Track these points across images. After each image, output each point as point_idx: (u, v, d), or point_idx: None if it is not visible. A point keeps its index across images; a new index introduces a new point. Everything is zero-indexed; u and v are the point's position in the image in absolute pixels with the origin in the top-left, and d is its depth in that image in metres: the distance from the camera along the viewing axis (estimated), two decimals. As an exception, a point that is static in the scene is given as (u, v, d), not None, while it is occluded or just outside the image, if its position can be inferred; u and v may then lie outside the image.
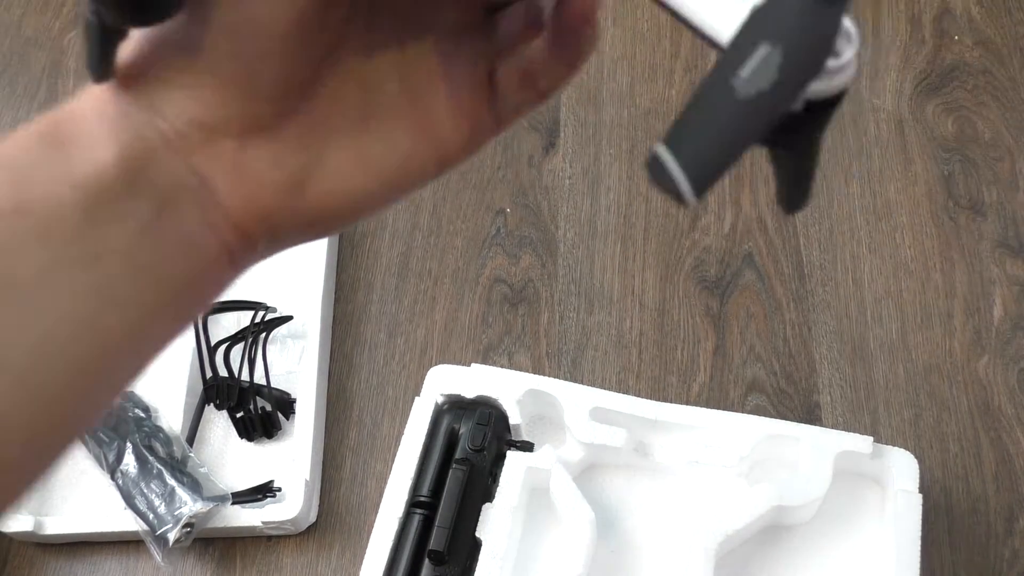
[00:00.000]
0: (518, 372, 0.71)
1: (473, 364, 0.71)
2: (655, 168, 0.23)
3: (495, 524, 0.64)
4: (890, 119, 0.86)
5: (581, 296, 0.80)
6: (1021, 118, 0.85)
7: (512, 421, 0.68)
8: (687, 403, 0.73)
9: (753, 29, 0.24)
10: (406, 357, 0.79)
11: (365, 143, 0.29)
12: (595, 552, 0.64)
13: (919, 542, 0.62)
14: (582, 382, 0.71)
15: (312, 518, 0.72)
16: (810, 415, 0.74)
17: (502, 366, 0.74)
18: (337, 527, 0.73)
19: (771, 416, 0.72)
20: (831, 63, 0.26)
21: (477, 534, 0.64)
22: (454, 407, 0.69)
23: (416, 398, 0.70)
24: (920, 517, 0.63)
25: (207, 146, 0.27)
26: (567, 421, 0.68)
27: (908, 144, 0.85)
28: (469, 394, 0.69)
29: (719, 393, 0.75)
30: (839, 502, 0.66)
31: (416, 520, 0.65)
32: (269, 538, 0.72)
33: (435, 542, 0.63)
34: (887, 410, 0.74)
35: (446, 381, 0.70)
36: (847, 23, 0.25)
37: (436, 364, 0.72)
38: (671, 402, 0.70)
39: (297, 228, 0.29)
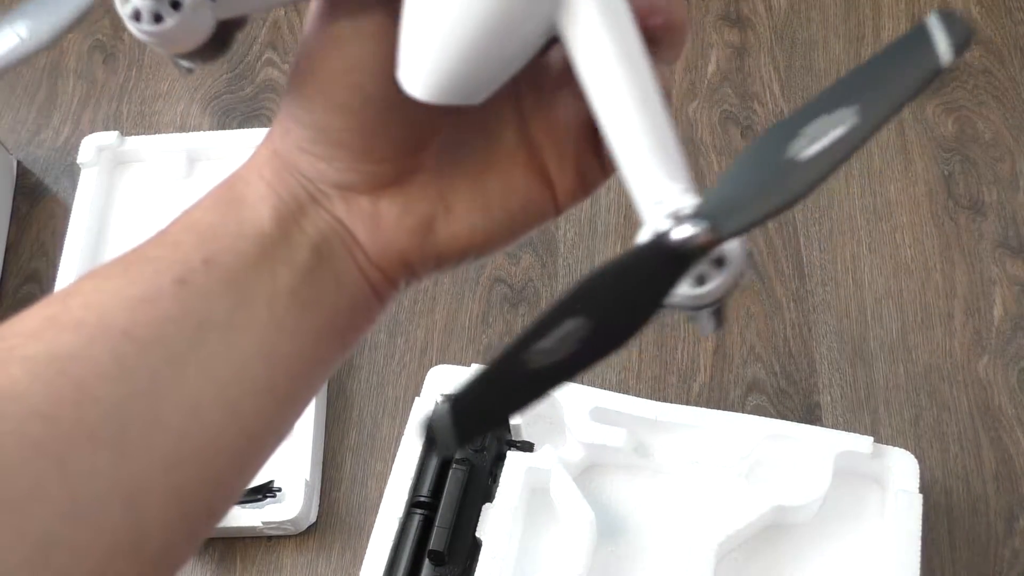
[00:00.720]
0: (518, 372, 0.71)
1: (473, 364, 0.71)
2: (435, 417, 0.26)
3: (495, 524, 0.64)
4: (890, 119, 0.86)
5: (581, 296, 0.80)
6: (1021, 118, 0.85)
7: (512, 421, 0.68)
8: (687, 403, 0.73)
9: (572, 298, 0.25)
10: (406, 357, 0.79)
11: (486, 188, 0.32)
12: (595, 552, 0.64)
13: (919, 542, 0.62)
14: (582, 382, 0.71)
15: (312, 518, 0.72)
16: (810, 415, 0.74)
17: (502, 366, 0.74)
18: (337, 527, 0.73)
19: (771, 416, 0.72)
20: (688, 290, 0.25)
21: (477, 534, 0.64)
22: (454, 407, 0.69)
23: (416, 398, 0.70)
24: (920, 517, 0.63)
25: (345, 202, 0.31)
26: (567, 421, 0.68)
27: (908, 144, 0.85)
28: (469, 394, 0.69)
29: (719, 393, 0.75)
30: (839, 502, 0.66)
31: (416, 520, 0.65)
32: (269, 538, 0.72)
33: (435, 542, 0.63)
34: (887, 410, 0.74)
35: (446, 381, 0.70)
36: (728, 247, 0.25)
37: (436, 364, 0.72)
38: (671, 402, 0.70)
39: (430, 264, 0.33)
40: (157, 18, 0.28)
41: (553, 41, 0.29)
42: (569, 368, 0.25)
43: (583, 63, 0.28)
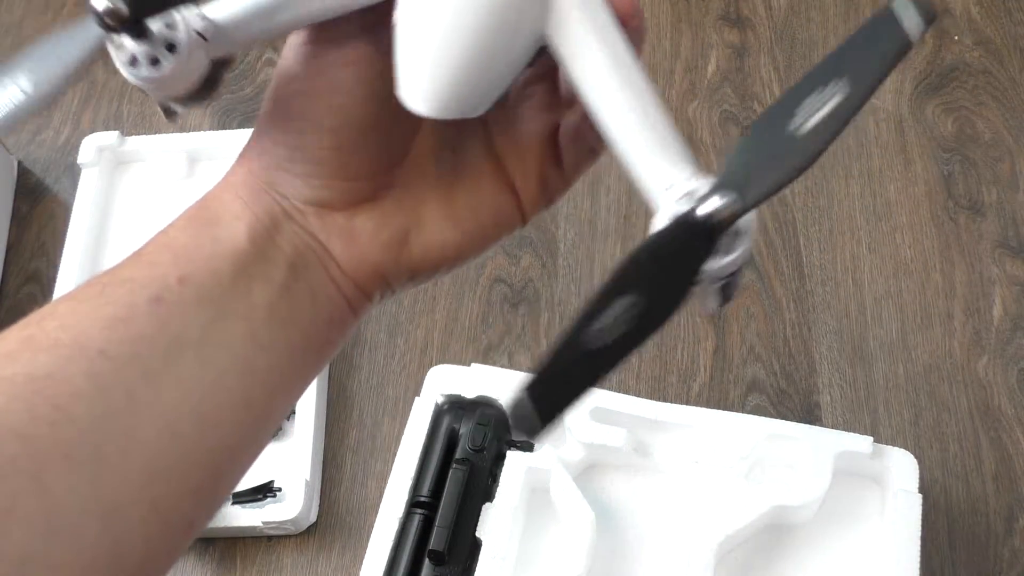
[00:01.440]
0: (518, 372, 0.71)
1: (473, 364, 0.71)
2: (517, 411, 0.27)
3: (495, 524, 0.64)
4: (890, 119, 0.86)
5: (581, 296, 0.80)
6: (1021, 118, 0.85)
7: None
8: (687, 403, 0.73)
9: (618, 279, 0.26)
10: (406, 357, 0.79)
11: (456, 201, 0.33)
12: (595, 552, 0.64)
13: (919, 542, 0.62)
14: (582, 382, 0.71)
15: (312, 518, 0.72)
16: (810, 415, 0.74)
17: (502, 366, 0.74)
18: (337, 527, 0.73)
19: (771, 416, 0.72)
20: (714, 262, 0.27)
21: (477, 534, 0.64)
22: (454, 407, 0.69)
23: (416, 398, 0.70)
24: (920, 517, 0.63)
25: (321, 219, 0.32)
26: (567, 421, 0.68)
27: (908, 144, 0.85)
28: (469, 394, 0.69)
29: (719, 393, 0.75)
30: (839, 502, 0.66)
31: (416, 520, 0.65)
32: (269, 538, 0.72)
33: (435, 542, 0.63)
34: (887, 410, 0.74)
35: (446, 381, 0.70)
36: (743, 220, 0.27)
37: (436, 364, 0.72)
38: (671, 402, 0.70)
39: (404, 277, 0.34)
40: (154, 62, 0.28)
41: (541, 51, 0.30)
42: (625, 346, 0.27)
43: (577, 68, 0.29)
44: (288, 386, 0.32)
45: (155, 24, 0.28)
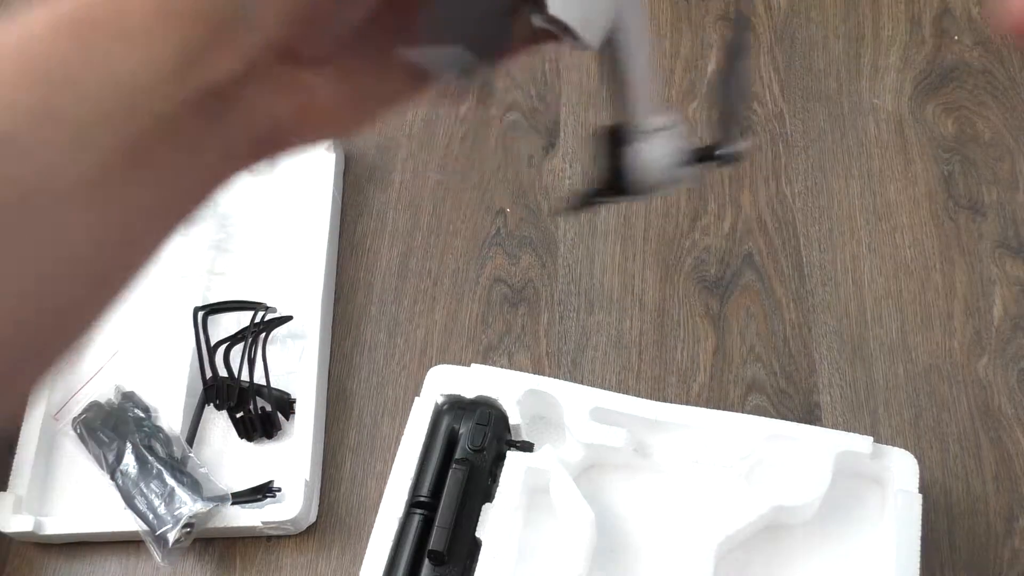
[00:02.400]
0: (518, 372, 0.71)
1: (473, 364, 0.71)
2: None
3: (495, 524, 0.64)
4: (890, 119, 0.86)
5: (581, 296, 0.80)
6: (1021, 118, 0.85)
7: (512, 421, 0.68)
8: (687, 403, 0.73)
9: None
10: (406, 357, 0.79)
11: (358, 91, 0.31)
12: (595, 552, 0.64)
13: (919, 542, 0.62)
14: (582, 382, 0.71)
15: (312, 518, 0.72)
16: (810, 415, 0.74)
17: (502, 366, 0.74)
18: (337, 527, 0.73)
19: (771, 416, 0.72)
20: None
21: (477, 534, 0.64)
22: (454, 407, 0.69)
23: (416, 398, 0.70)
24: (920, 517, 0.63)
25: (273, 68, 0.27)
26: (567, 421, 0.68)
27: (908, 144, 0.85)
28: (469, 394, 0.69)
29: (719, 393, 0.75)
30: (839, 502, 0.66)
31: (416, 520, 0.65)
32: (269, 538, 0.72)
33: (435, 542, 0.63)
34: (887, 410, 0.74)
35: (446, 381, 0.70)
36: None
37: (436, 364, 0.72)
38: (671, 402, 0.70)
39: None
40: None
41: None
42: None
43: None
44: (146, 248, 0.26)
45: None
